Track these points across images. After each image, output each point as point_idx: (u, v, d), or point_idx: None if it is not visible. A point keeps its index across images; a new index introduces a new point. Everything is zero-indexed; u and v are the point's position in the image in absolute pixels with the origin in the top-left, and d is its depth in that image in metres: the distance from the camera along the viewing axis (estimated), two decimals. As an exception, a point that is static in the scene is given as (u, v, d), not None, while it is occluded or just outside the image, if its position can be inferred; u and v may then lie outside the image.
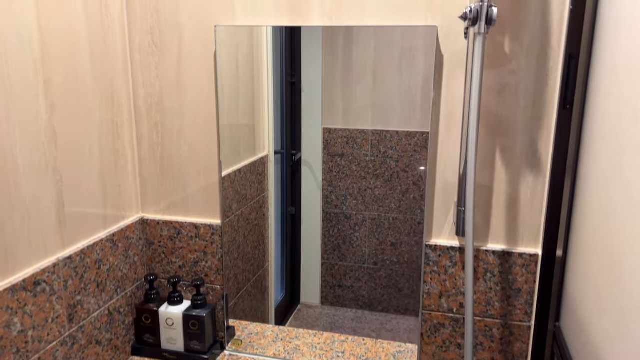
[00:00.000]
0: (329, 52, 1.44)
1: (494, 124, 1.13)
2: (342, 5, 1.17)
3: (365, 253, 1.59)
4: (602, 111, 0.90)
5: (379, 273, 1.57)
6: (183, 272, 1.38)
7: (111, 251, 1.25)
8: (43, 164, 1.05)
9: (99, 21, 1.19)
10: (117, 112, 1.28)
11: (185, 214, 1.35)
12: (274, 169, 1.59)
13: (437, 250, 1.22)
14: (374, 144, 1.51)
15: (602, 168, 0.87)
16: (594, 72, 0.98)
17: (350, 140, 1.52)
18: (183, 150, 1.33)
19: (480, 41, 1.02)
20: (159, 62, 1.29)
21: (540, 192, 1.13)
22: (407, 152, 1.47)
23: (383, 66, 1.38)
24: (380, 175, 1.51)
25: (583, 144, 1.02)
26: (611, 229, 0.80)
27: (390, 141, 1.48)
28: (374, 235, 1.57)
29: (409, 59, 1.28)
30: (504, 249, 1.17)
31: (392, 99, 1.42)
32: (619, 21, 0.85)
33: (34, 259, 1.04)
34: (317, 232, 1.61)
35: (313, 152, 1.56)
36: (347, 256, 1.60)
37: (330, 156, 1.55)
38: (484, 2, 1.00)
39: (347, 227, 1.58)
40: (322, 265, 1.62)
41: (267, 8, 1.20)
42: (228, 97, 1.32)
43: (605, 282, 0.81)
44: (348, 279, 1.61)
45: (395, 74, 1.38)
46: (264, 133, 1.55)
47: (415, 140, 1.45)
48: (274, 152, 1.60)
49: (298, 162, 1.62)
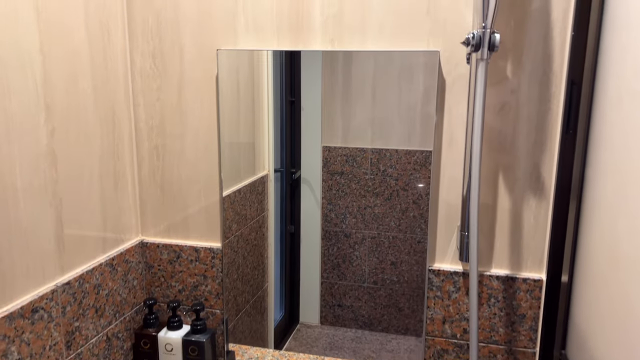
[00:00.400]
0: (329, 70, 1.44)
1: (496, 146, 1.13)
2: (343, 31, 1.17)
3: (365, 272, 1.58)
4: (607, 139, 0.90)
5: (378, 292, 1.56)
6: (182, 295, 1.36)
7: (110, 275, 1.23)
8: (42, 188, 1.03)
9: (101, 46, 1.18)
10: (118, 135, 1.27)
11: (186, 237, 1.34)
12: (273, 188, 1.59)
13: (440, 275, 1.21)
14: (373, 162, 1.51)
15: (608, 197, 0.87)
16: (597, 99, 0.98)
17: (350, 158, 1.52)
18: (184, 172, 1.32)
19: (482, 67, 1.02)
20: (160, 85, 1.28)
21: (543, 217, 1.12)
22: (407, 171, 1.47)
23: (383, 85, 1.38)
24: (379, 193, 1.51)
25: (588, 170, 1.02)
26: (618, 259, 0.80)
27: (389, 159, 1.47)
28: (373, 254, 1.56)
29: (409, 77, 1.28)
30: (508, 274, 1.16)
31: (391, 118, 1.43)
32: (623, 48, 0.86)
33: (32, 285, 1.02)
34: (316, 251, 1.60)
35: (312, 171, 1.55)
36: (347, 275, 1.59)
37: (330, 174, 1.54)
38: (487, 28, 1.00)
39: (347, 246, 1.57)
40: (322, 285, 1.60)
41: (269, 33, 1.20)
42: (229, 118, 1.32)
43: (613, 312, 0.80)
44: (347, 298, 1.60)
45: (395, 92, 1.38)
46: (264, 152, 1.54)
47: (414, 158, 1.45)
48: (273, 170, 1.59)
49: (297, 181, 1.61)
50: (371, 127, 1.47)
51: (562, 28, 1.05)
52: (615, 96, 0.87)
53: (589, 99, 1.02)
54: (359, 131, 1.49)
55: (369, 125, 1.47)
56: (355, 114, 1.48)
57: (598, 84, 0.99)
